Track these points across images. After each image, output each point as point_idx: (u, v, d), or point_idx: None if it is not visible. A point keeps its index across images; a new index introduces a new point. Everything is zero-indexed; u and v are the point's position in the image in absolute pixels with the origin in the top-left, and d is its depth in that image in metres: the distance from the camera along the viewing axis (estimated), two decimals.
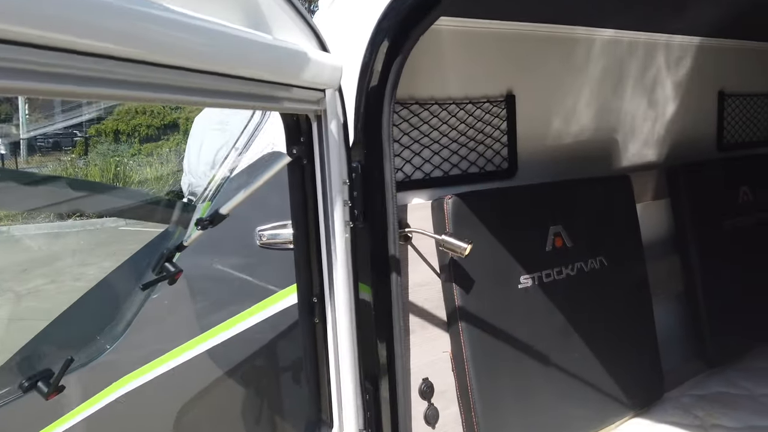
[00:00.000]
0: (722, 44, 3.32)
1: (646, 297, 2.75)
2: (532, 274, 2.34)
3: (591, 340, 2.48)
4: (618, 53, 2.84)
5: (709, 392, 2.86)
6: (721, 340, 3.07)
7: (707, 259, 3.06)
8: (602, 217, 2.64)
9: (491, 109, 2.42)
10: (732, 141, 3.48)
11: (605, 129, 2.88)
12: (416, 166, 2.23)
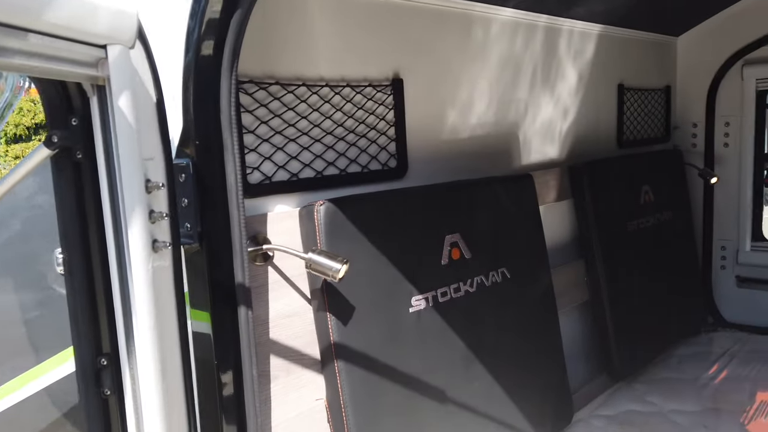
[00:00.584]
0: (622, 34, 3.13)
1: (552, 311, 2.46)
2: (425, 294, 1.94)
3: (494, 366, 2.12)
4: (517, 37, 2.52)
5: (619, 411, 2.62)
6: (627, 352, 2.86)
7: (612, 265, 2.84)
8: (504, 223, 2.30)
9: (374, 95, 1.99)
10: (631, 138, 3.31)
11: (505, 122, 2.55)
12: (279, 164, 1.74)
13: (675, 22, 3.37)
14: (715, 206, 3.60)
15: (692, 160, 3.56)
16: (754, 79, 3.34)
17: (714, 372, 2.97)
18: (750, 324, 3.51)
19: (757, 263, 3.49)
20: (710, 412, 2.59)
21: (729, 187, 3.53)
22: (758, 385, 2.82)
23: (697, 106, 3.57)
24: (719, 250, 3.62)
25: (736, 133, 3.46)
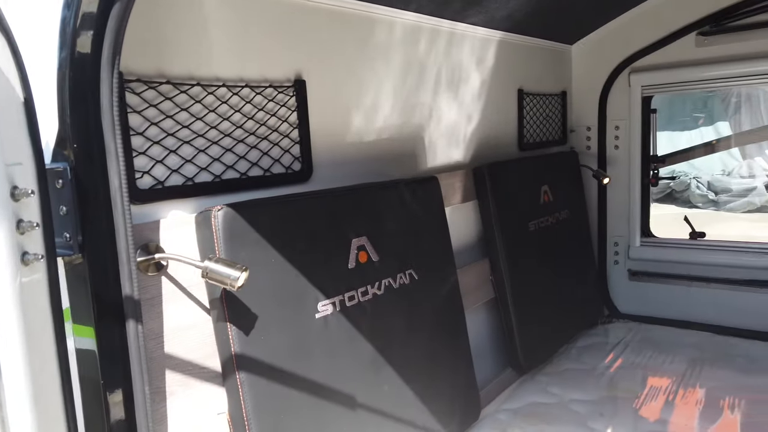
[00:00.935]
0: (521, 41, 3.26)
1: (459, 310, 2.50)
2: (332, 299, 1.90)
3: (403, 369, 2.13)
4: (420, 41, 2.55)
5: (524, 404, 2.71)
6: (530, 346, 2.97)
7: (515, 263, 2.94)
8: (411, 225, 2.31)
9: (276, 96, 1.93)
10: (530, 140, 3.45)
11: (410, 125, 2.58)
12: (173, 168, 1.65)
13: (569, 31, 3.55)
14: (608, 205, 3.83)
15: (587, 161, 3.77)
16: (639, 86, 3.58)
17: (610, 361, 3.15)
18: (641, 314, 3.76)
19: (646, 258, 3.75)
20: (607, 400, 2.73)
21: (620, 187, 3.76)
22: (649, 371, 3.02)
23: (591, 110, 3.79)
24: (612, 246, 3.86)
25: (626, 136, 3.70)
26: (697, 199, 10.21)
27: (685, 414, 2.58)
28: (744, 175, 10.34)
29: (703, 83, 3.44)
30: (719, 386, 2.79)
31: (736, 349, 3.16)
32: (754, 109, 10.60)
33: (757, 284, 3.38)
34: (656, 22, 3.45)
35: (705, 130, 10.95)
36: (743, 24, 3.19)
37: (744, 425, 2.46)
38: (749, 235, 8.02)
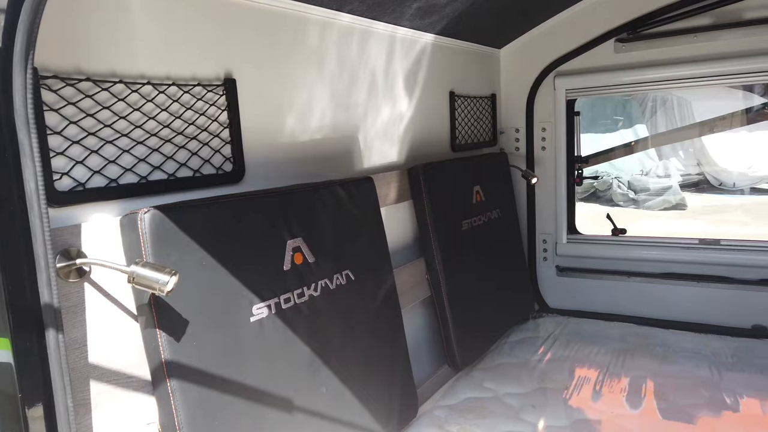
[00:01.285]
0: (452, 45, 3.33)
1: (396, 309, 2.52)
2: (267, 302, 1.87)
3: (341, 369, 2.12)
4: (354, 42, 2.56)
5: (460, 400, 2.76)
6: (466, 343, 3.03)
7: (450, 261, 2.99)
8: (347, 225, 2.31)
9: (205, 95, 1.88)
10: (463, 141, 3.53)
11: (345, 126, 2.58)
12: (94, 169, 1.57)
13: (497, 36, 3.66)
14: (536, 203, 3.97)
15: (516, 162, 3.90)
16: (564, 90, 3.73)
17: (540, 354, 3.26)
18: (569, 308, 3.92)
19: (572, 254, 3.91)
20: (538, 392, 2.83)
21: (547, 186, 3.91)
22: (577, 362, 3.15)
23: (519, 113, 3.91)
24: (541, 243, 4.00)
25: (552, 137, 3.85)
26: (618, 197, 10.75)
27: (610, 402, 2.71)
28: (660, 174, 11.00)
29: (622, 87, 3.63)
30: (641, 374, 2.94)
31: (654, 338, 3.35)
32: (668, 113, 11.29)
33: (672, 277, 3.60)
34: (578, 28, 3.62)
35: (625, 132, 11.57)
36: (657, 32, 3.39)
37: (664, 410, 2.61)
38: (666, 231, 8.54)
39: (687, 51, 3.34)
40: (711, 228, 8.54)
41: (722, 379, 2.84)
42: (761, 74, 3.27)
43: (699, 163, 11.28)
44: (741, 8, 3.17)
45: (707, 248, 3.50)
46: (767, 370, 2.90)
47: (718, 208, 9.85)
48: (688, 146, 11.25)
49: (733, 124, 7.78)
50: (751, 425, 2.46)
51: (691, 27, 3.31)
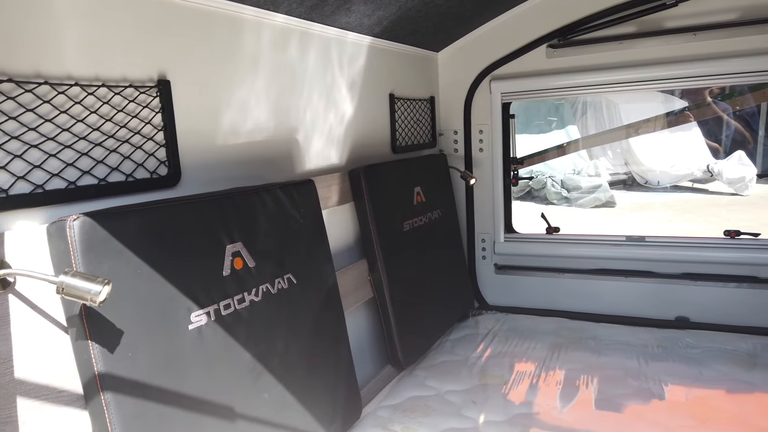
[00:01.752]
0: (391, 47, 3.36)
1: (339, 312, 2.52)
2: (206, 309, 1.83)
3: (284, 374, 2.10)
4: (292, 43, 2.54)
5: (403, 399, 2.79)
6: (408, 342, 3.06)
7: (392, 262, 3.02)
8: (288, 229, 2.29)
9: (137, 97, 1.82)
10: (403, 143, 3.57)
11: (285, 128, 2.55)
12: (18, 175, 1.49)
13: (434, 39, 3.72)
14: (475, 204, 4.07)
15: (455, 163, 3.98)
16: (499, 93, 3.84)
17: (480, 351, 3.34)
18: (507, 305, 4.03)
19: (509, 252, 4.03)
20: (479, 388, 2.90)
21: (485, 187, 4.01)
22: (515, 358, 3.25)
23: (457, 115, 3.99)
24: (480, 242, 4.10)
25: (489, 139, 3.95)
26: (552, 196, 11.14)
27: (547, 395, 2.81)
28: (591, 174, 11.48)
29: (554, 91, 3.77)
30: (575, 367, 3.07)
31: (586, 332, 3.50)
32: (597, 115, 11.80)
33: (602, 272, 3.77)
34: (512, 34, 3.73)
35: (558, 133, 12.00)
36: (585, 39, 3.54)
37: (597, 401, 2.73)
38: (597, 227, 8.92)
39: (613, 57, 3.50)
40: (639, 224, 8.98)
41: (649, 369, 3.00)
42: (680, 80, 3.48)
43: (626, 162, 11.84)
44: (661, 18, 3.36)
45: (633, 245, 3.69)
46: (690, 358, 3.09)
47: (644, 206, 10.37)
48: (616, 147, 11.78)
49: (656, 126, 8.24)
50: (675, 411, 2.61)
51: (616, 35, 3.47)
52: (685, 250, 3.58)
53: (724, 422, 2.51)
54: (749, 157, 10.77)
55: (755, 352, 3.10)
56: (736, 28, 3.20)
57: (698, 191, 10.89)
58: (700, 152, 11.34)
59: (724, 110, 10.24)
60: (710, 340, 3.28)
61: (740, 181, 10.26)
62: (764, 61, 3.17)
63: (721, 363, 3.00)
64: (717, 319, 3.47)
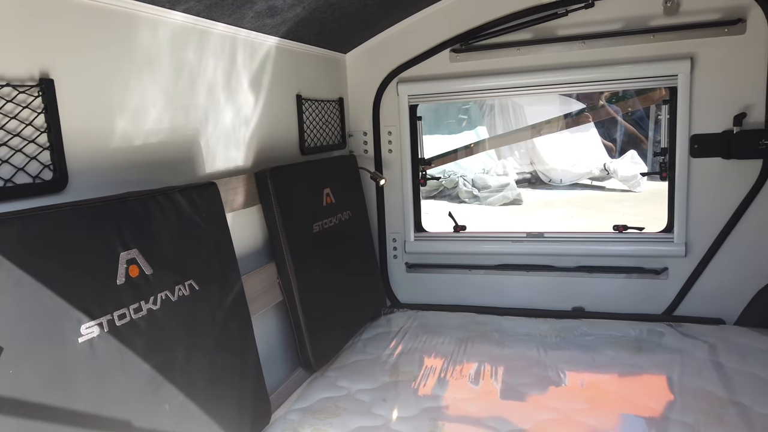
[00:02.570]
0: (297, 48, 3.34)
1: (245, 316, 2.48)
2: (98, 320, 1.74)
3: (186, 384, 2.04)
4: (192, 42, 2.47)
5: (314, 401, 2.79)
6: (319, 344, 3.06)
7: (301, 264, 3.01)
8: (189, 233, 2.22)
9: (16, 96, 1.70)
10: (312, 145, 3.56)
11: (185, 129, 2.47)
12: None
13: (341, 41, 3.74)
14: (385, 204, 4.13)
15: (365, 164, 4.01)
16: (406, 95, 3.92)
17: (392, 348, 3.39)
18: (418, 302, 4.13)
19: (419, 251, 4.12)
20: (390, 385, 2.94)
21: (395, 188, 4.08)
22: (425, 353, 3.33)
23: (366, 116, 4.04)
24: (391, 242, 4.17)
25: (397, 140, 4.02)
26: (464, 195, 11.49)
27: (455, 388, 2.91)
28: (500, 173, 11.95)
29: (458, 94, 3.89)
30: (481, 360, 3.19)
31: (491, 325, 3.65)
32: (504, 116, 12.30)
33: (506, 268, 3.95)
34: (417, 38, 3.82)
35: (468, 134, 12.40)
36: (486, 44, 3.69)
37: (502, 391, 2.86)
38: (506, 224, 9.30)
39: (513, 62, 3.67)
40: (545, 220, 9.46)
41: (548, 358, 3.17)
42: (573, 85, 3.71)
43: (532, 162, 12.43)
44: (554, 26, 3.56)
45: (533, 240, 3.89)
46: (585, 346, 3.30)
47: (548, 203, 10.93)
48: (522, 147, 12.34)
49: (558, 127, 8.71)
50: (571, 396, 2.78)
51: (515, 41, 3.65)
52: (580, 245, 3.82)
53: (614, 404, 2.71)
54: (641, 157, 11.63)
55: (641, 338, 3.36)
56: (620, 38, 3.46)
57: (596, 188, 11.61)
58: (597, 152, 12.11)
59: (617, 112, 10.99)
60: (603, 327, 3.52)
61: (633, 179, 11.04)
62: (646, 68, 3.44)
63: (612, 349, 3.23)
64: (609, 308, 3.74)
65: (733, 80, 3.33)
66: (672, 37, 3.37)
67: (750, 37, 3.26)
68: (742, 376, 2.85)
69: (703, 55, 3.35)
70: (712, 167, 3.45)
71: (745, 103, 3.32)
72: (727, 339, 3.25)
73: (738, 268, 3.49)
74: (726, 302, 3.53)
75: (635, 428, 2.52)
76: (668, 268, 3.64)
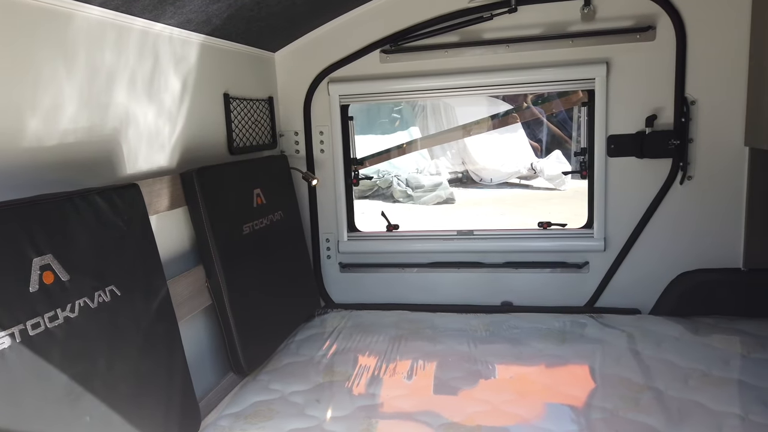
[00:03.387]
0: (224, 46, 3.27)
1: (171, 321, 2.40)
2: (9, 330, 1.64)
3: (108, 394, 1.96)
4: (110, 39, 2.37)
5: (246, 406, 2.74)
6: (251, 347, 3.01)
7: (231, 267, 2.95)
8: (109, 237, 2.13)
9: None
10: (241, 144, 3.49)
11: (103, 129, 2.37)
12: None
13: (270, 39, 3.69)
14: (318, 204, 4.11)
15: (297, 164, 3.98)
16: (337, 95, 3.91)
17: (325, 349, 3.38)
18: (352, 302, 4.13)
19: (353, 251, 4.13)
20: (324, 386, 2.94)
21: (327, 187, 4.07)
22: (358, 352, 3.34)
23: (297, 116, 4.00)
24: (324, 242, 4.15)
25: (329, 140, 4.01)
26: (398, 194, 11.60)
27: (389, 385, 2.93)
28: (433, 172, 12.15)
29: (389, 95, 3.92)
30: (414, 356, 3.24)
31: (424, 322, 3.71)
32: (437, 116, 12.52)
33: (438, 265, 4.02)
34: (347, 38, 3.82)
35: (401, 133, 12.53)
36: (415, 46, 3.75)
37: (435, 386, 2.91)
38: (439, 223, 9.47)
39: (441, 64, 3.75)
40: (476, 218, 9.69)
41: (478, 352, 3.26)
42: (499, 87, 3.83)
43: (463, 162, 12.71)
44: (480, 30, 3.66)
45: (463, 238, 3.98)
46: (513, 339, 3.41)
47: (479, 201, 11.22)
48: (453, 147, 12.60)
49: (487, 127, 8.95)
50: (500, 388, 2.87)
51: (443, 43, 3.72)
52: (507, 241, 3.95)
53: (540, 394, 2.82)
54: (565, 156, 12.13)
55: (565, 329, 3.51)
56: (542, 42, 3.60)
57: (524, 187, 12.02)
58: (525, 152, 12.54)
59: (541, 113, 11.42)
60: (529, 321, 3.65)
61: (558, 178, 11.50)
62: (566, 71, 3.60)
63: (538, 341, 3.36)
64: (535, 302, 3.88)
65: (645, 84, 3.54)
66: (589, 43, 3.54)
67: (659, 43, 3.47)
68: (656, 363, 3.03)
69: (618, 59, 3.54)
70: (627, 166, 3.65)
71: (655, 105, 3.54)
72: (643, 328, 3.45)
73: (652, 261, 3.71)
74: (642, 293, 3.75)
75: (560, 416, 2.63)
76: (589, 262, 3.82)
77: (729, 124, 3.47)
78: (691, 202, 3.60)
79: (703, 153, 3.53)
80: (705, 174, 3.56)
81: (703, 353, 3.07)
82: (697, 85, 3.46)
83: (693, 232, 3.63)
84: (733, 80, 3.42)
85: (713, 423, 2.43)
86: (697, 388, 2.72)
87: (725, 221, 3.58)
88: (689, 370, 2.89)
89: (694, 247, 3.64)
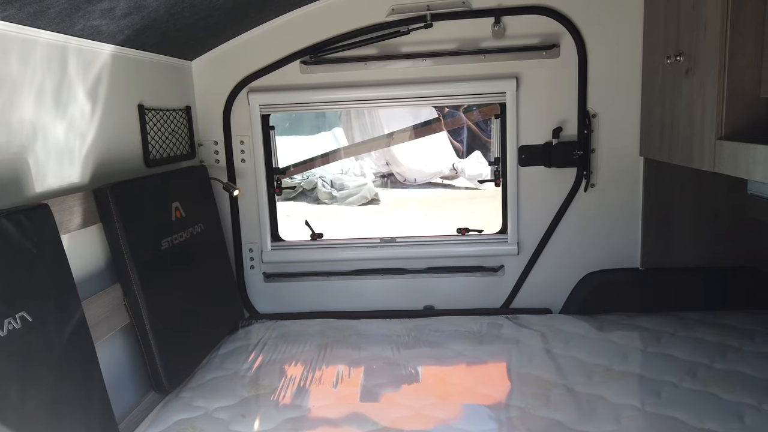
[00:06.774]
0: (137, 56, 3.18)
1: (87, 343, 2.33)
2: None
3: (20, 424, 1.88)
4: (13, 52, 2.27)
5: (168, 425, 2.70)
6: (173, 364, 2.96)
7: (150, 284, 2.88)
8: (17, 261, 2.04)
9: None
10: (158, 156, 3.41)
11: (8, 147, 2.26)
12: None
13: (186, 48, 3.62)
14: (240, 214, 4.07)
15: (217, 174, 3.93)
16: (258, 105, 3.90)
17: (251, 362, 3.38)
18: (277, 312, 4.13)
19: (277, 260, 4.13)
20: (250, 400, 2.94)
21: (250, 197, 4.04)
22: (285, 363, 3.35)
23: (216, 125, 3.95)
24: (248, 252, 4.12)
25: (250, 150, 3.99)
26: (323, 196, 11.60)
27: (316, 395, 2.98)
28: (357, 173, 12.24)
29: (310, 106, 3.95)
30: (341, 364, 3.30)
31: (349, 329, 3.77)
32: (360, 119, 12.62)
33: (362, 272, 4.10)
34: (266, 48, 3.82)
35: (326, 135, 12.55)
36: (335, 57, 3.80)
37: (361, 393, 2.98)
38: (365, 224, 9.57)
39: (360, 76, 3.82)
40: (401, 219, 9.87)
41: (402, 357, 3.36)
42: (417, 99, 3.95)
43: (387, 162, 12.89)
44: (398, 43, 3.77)
45: (386, 245, 4.08)
46: (435, 342, 3.54)
47: (403, 201, 11.43)
48: None
49: (411, 136, 9.13)
50: (422, 392, 2.99)
51: (363, 55, 3.79)
52: (428, 248, 4.09)
53: (459, 395, 2.95)
54: (485, 157, 12.57)
55: (482, 331, 3.69)
56: (457, 56, 3.75)
57: (447, 187, 12.36)
58: (447, 153, 12.89)
59: (461, 120, 11.79)
60: (449, 324, 3.80)
61: (479, 177, 11.91)
62: (480, 85, 3.78)
63: (457, 343, 3.51)
64: (455, 305, 4.05)
65: (551, 98, 3.77)
66: (500, 58, 3.73)
67: (564, 60, 3.71)
68: (566, 360, 3.25)
69: (527, 75, 3.76)
70: (537, 175, 3.87)
71: (561, 118, 3.78)
72: (553, 327, 3.69)
73: (561, 263, 3.96)
74: (553, 293, 4.00)
75: (478, 417, 2.77)
76: (504, 266, 4.02)
77: (626, 136, 3.77)
78: (594, 208, 3.88)
79: (604, 162, 3.82)
80: (606, 182, 3.85)
81: (606, 349, 3.32)
82: (598, 100, 3.74)
83: (597, 235, 3.92)
84: (628, 95, 3.72)
85: (613, 415, 2.65)
86: (600, 382, 2.95)
87: (625, 225, 3.89)
88: (593, 366, 3.13)
89: (598, 249, 3.93)
